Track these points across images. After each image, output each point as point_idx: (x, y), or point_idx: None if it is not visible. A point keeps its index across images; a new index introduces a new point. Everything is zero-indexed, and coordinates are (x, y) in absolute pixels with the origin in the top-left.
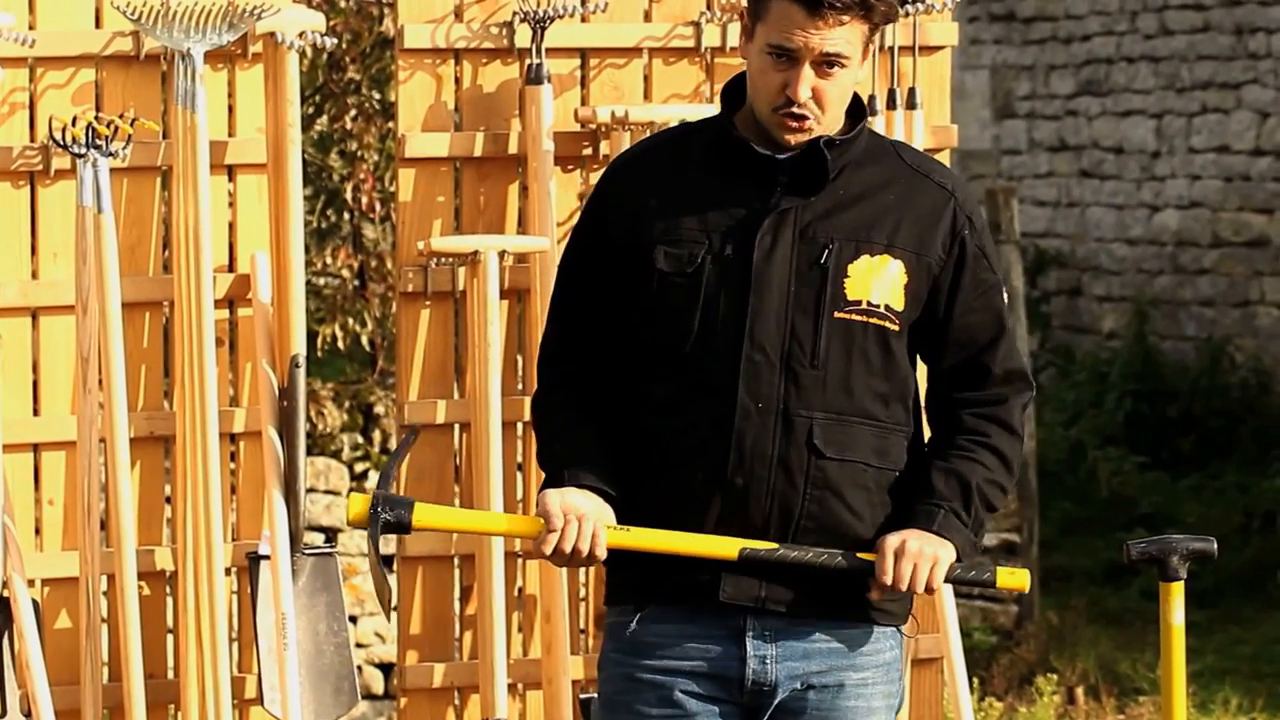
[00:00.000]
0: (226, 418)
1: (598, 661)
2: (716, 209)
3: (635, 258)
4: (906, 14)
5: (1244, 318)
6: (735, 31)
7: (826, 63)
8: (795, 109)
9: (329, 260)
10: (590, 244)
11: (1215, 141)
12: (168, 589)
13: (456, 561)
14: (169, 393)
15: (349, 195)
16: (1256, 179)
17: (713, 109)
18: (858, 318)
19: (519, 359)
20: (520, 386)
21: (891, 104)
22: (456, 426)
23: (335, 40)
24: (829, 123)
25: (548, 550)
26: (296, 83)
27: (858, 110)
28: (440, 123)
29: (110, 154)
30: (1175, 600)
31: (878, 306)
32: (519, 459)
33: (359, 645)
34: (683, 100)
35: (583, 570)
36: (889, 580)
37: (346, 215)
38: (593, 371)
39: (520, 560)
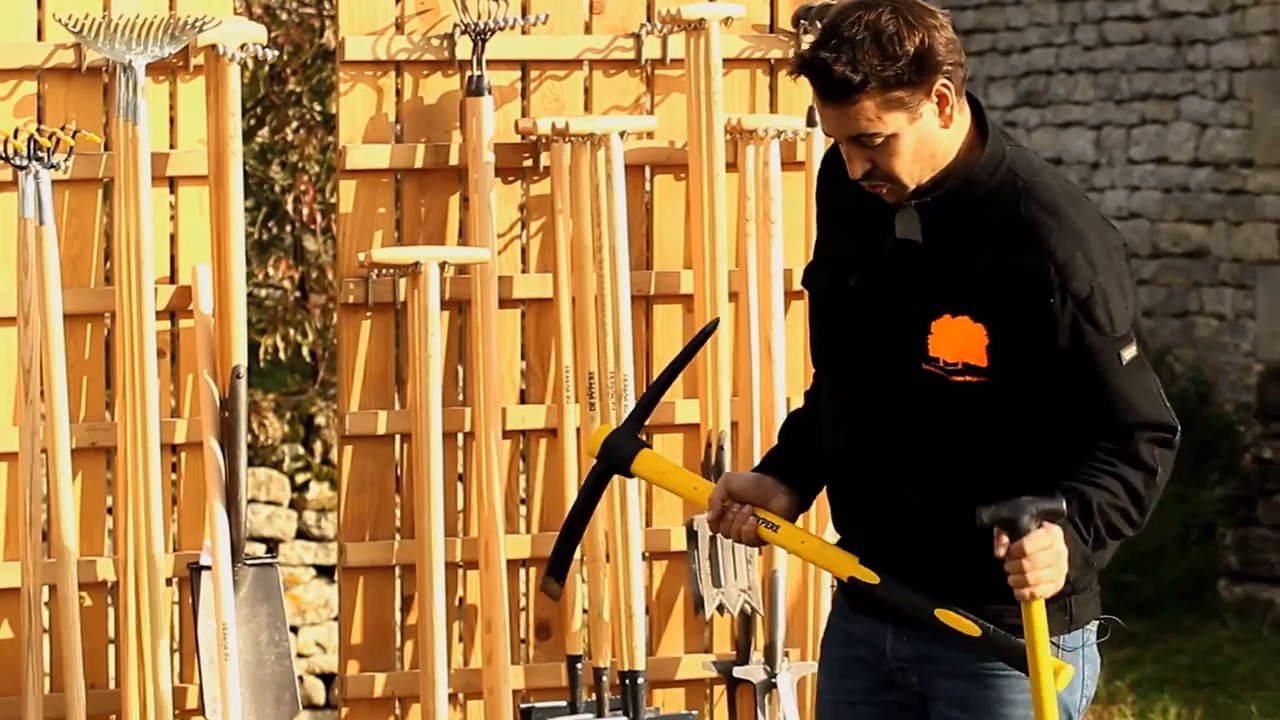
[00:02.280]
0: (168, 429)
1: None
2: (852, 237)
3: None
4: None
5: (1183, 328)
6: (676, 43)
7: (862, 140)
8: (865, 185)
9: (270, 271)
10: (817, 231)
11: (1154, 153)
12: (109, 599)
13: (398, 571)
14: (110, 404)
15: (290, 207)
16: (1195, 190)
17: (651, 121)
18: (938, 372)
19: (459, 370)
20: (461, 397)
21: None
22: (397, 437)
23: (276, 52)
24: (923, 174)
25: (709, 528)
26: (238, 95)
27: (981, 122)
28: (381, 134)
29: (52, 166)
30: None
31: (955, 365)
32: (460, 469)
33: (300, 655)
34: (623, 112)
35: (522, 581)
36: (1005, 554)
37: (288, 227)
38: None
39: (461, 570)
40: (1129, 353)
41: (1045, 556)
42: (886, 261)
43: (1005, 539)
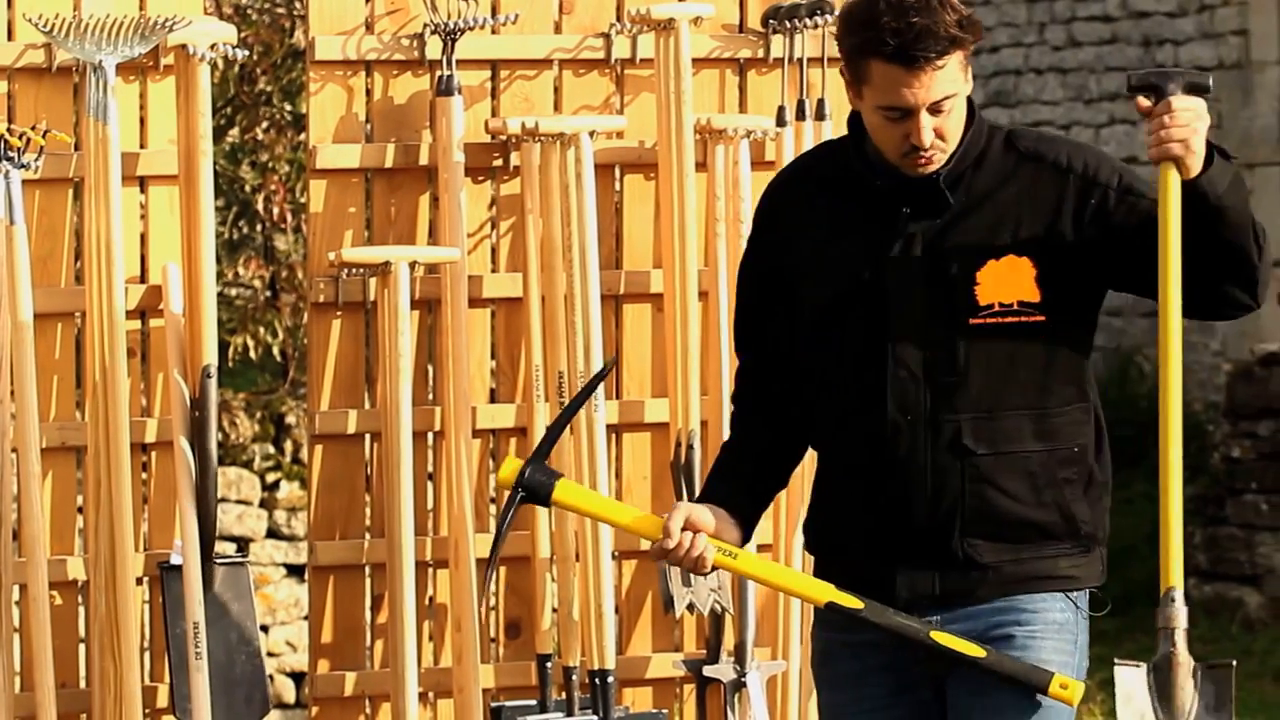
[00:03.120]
0: (138, 428)
1: (811, 634)
2: (851, 234)
3: (787, 287)
4: (815, 25)
5: (1152, 328)
6: (645, 43)
7: (940, 105)
8: (922, 153)
9: (241, 271)
10: (753, 265)
11: (1123, 153)
12: (80, 599)
13: (368, 570)
14: (80, 403)
15: (260, 206)
16: None
17: (621, 121)
18: (993, 320)
19: (429, 369)
20: (430, 396)
21: (801, 115)
22: (367, 436)
23: (247, 52)
24: (953, 143)
25: (656, 559)
26: (208, 95)
27: (968, 114)
28: (351, 134)
29: (22, 165)
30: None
31: (1011, 305)
32: (429, 468)
33: (270, 654)
34: (593, 111)
35: (492, 579)
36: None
37: (258, 226)
38: (772, 394)
39: (431, 569)
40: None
41: (1186, 115)
42: (909, 237)
43: (1148, 101)
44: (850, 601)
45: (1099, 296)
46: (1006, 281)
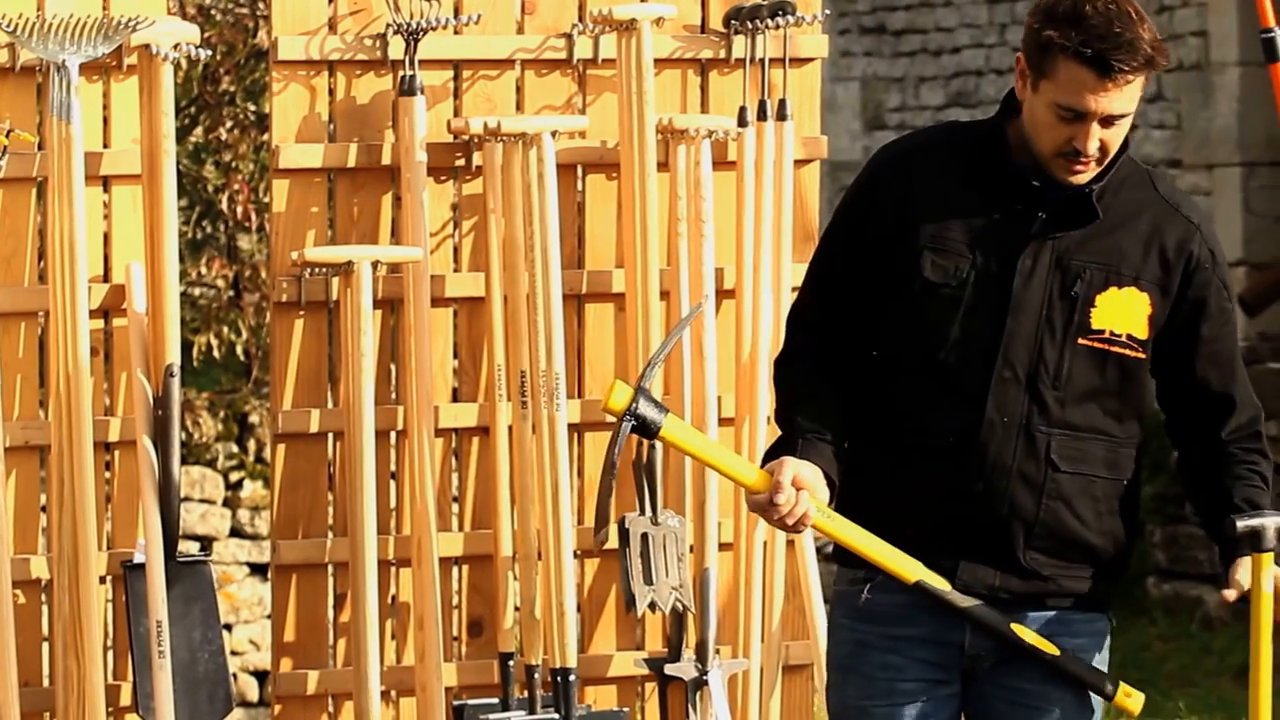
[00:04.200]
0: (101, 427)
1: (828, 627)
2: (983, 225)
3: (899, 258)
4: (777, 26)
5: None
6: (607, 43)
7: (1114, 118)
8: (1081, 158)
9: (204, 270)
10: (854, 229)
11: None
12: (43, 597)
13: (330, 569)
14: (44, 402)
15: (224, 206)
16: None
17: (583, 121)
18: (1100, 345)
19: (392, 368)
20: (393, 395)
21: (762, 115)
22: (330, 435)
23: (210, 52)
24: (1109, 159)
25: (759, 509)
26: (171, 94)
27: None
28: (314, 134)
29: None
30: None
31: (1120, 336)
32: (392, 467)
33: (233, 653)
34: (555, 111)
35: (455, 578)
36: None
37: (221, 226)
38: (837, 350)
39: (393, 568)
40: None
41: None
42: (1041, 244)
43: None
44: (939, 582)
45: (1162, 355)
46: (1123, 312)
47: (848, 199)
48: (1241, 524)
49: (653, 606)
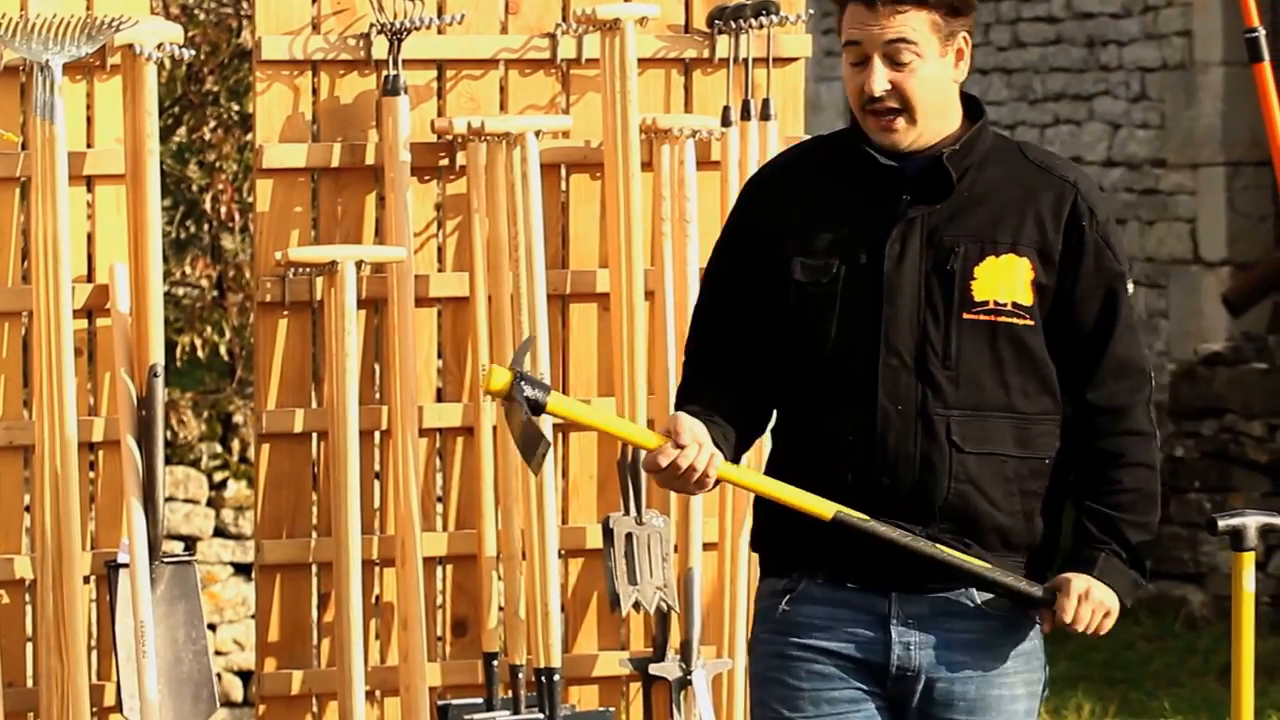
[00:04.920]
0: (85, 427)
1: (748, 643)
2: (849, 220)
3: (774, 270)
4: (761, 25)
5: None
6: (591, 43)
7: (894, 54)
8: (877, 106)
9: (188, 270)
10: (731, 256)
11: (1068, 153)
12: (27, 597)
13: (315, 569)
14: (28, 402)
15: (208, 206)
16: (1109, 190)
17: (567, 121)
18: (986, 318)
19: (376, 368)
20: (377, 395)
21: (746, 115)
22: (314, 435)
23: (193, 52)
24: (929, 123)
25: (664, 462)
26: (155, 94)
27: (976, 112)
28: (298, 134)
29: None
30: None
31: (1005, 305)
32: (376, 467)
33: (218, 653)
34: (539, 111)
35: (439, 578)
36: (1068, 619)
37: (205, 225)
38: (731, 376)
39: (377, 568)
40: (1130, 288)
41: (1096, 593)
42: (907, 225)
43: (1065, 620)
44: (857, 515)
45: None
46: (1004, 279)
47: (722, 232)
48: (1223, 524)
49: (637, 606)
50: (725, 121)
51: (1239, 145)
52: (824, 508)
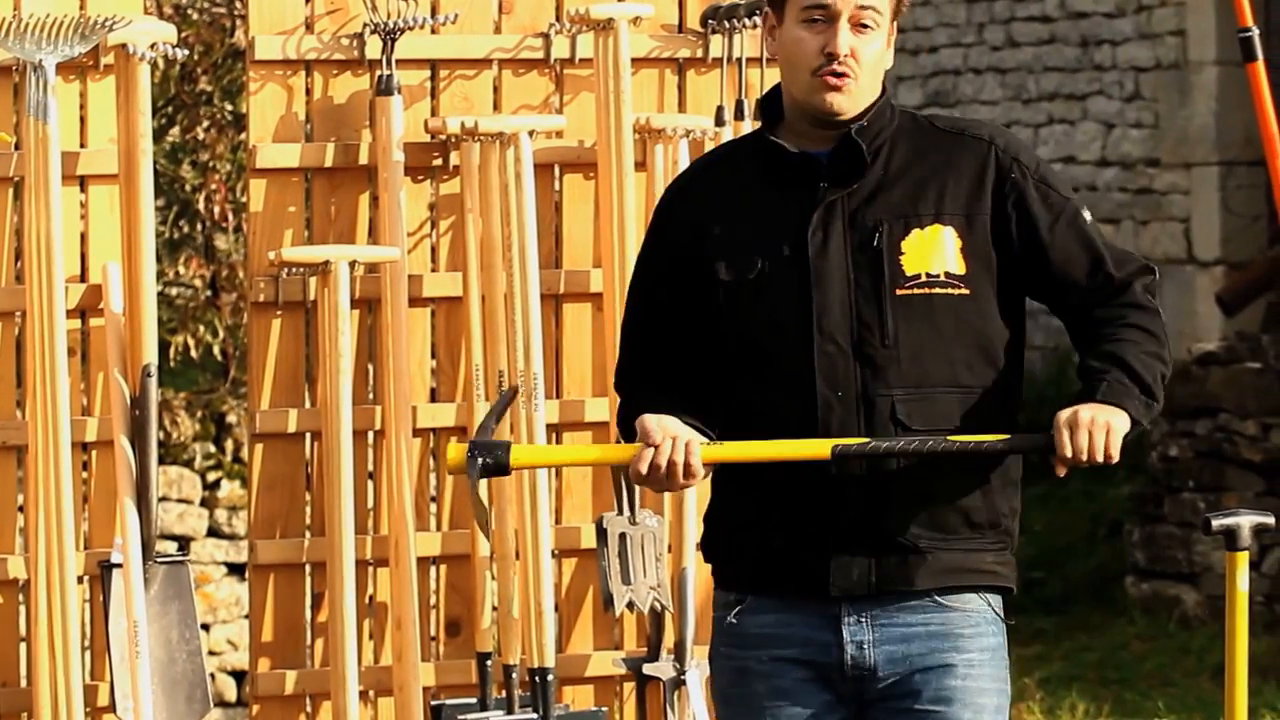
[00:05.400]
0: (79, 427)
1: (709, 656)
2: (768, 214)
3: (699, 274)
4: (754, 25)
5: None
6: (585, 43)
7: (860, 19)
8: (836, 66)
9: (181, 270)
10: (653, 269)
11: (1061, 152)
12: (20, 597)
13: (308, 569)
14: (21, 402)
15: (201, 205)
16: (1103, 189)
17: (560, 120)
18: (919, 291)
19: (369, 368)
20: (371, 395)
21: (739, 114)
22: (308, 435)
23: (187, 52)
24: (862, 92)
25: (644, 467)
26: (148, 94)
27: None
28: (291, 134)
29: None
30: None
31: (937, 276)
32: (369, 467)
33: (211, 653)
34: (532, 111)
35: (433, 578)
36: (1069, 453)
37: (198, 225)
38: (673, 384)
39: (371, 568)
40: (1087, 212)
41: (1084, 415)
42: (827, 210)
43: (1066, 454)
44: (855, 441)
45: (1017, 282)
46: (931, 251)
47: (642, 249)
48: (1217, 523)
49: (630, 606)
50: (719, 121)
51: (1233, 145)
52: (820, 449)
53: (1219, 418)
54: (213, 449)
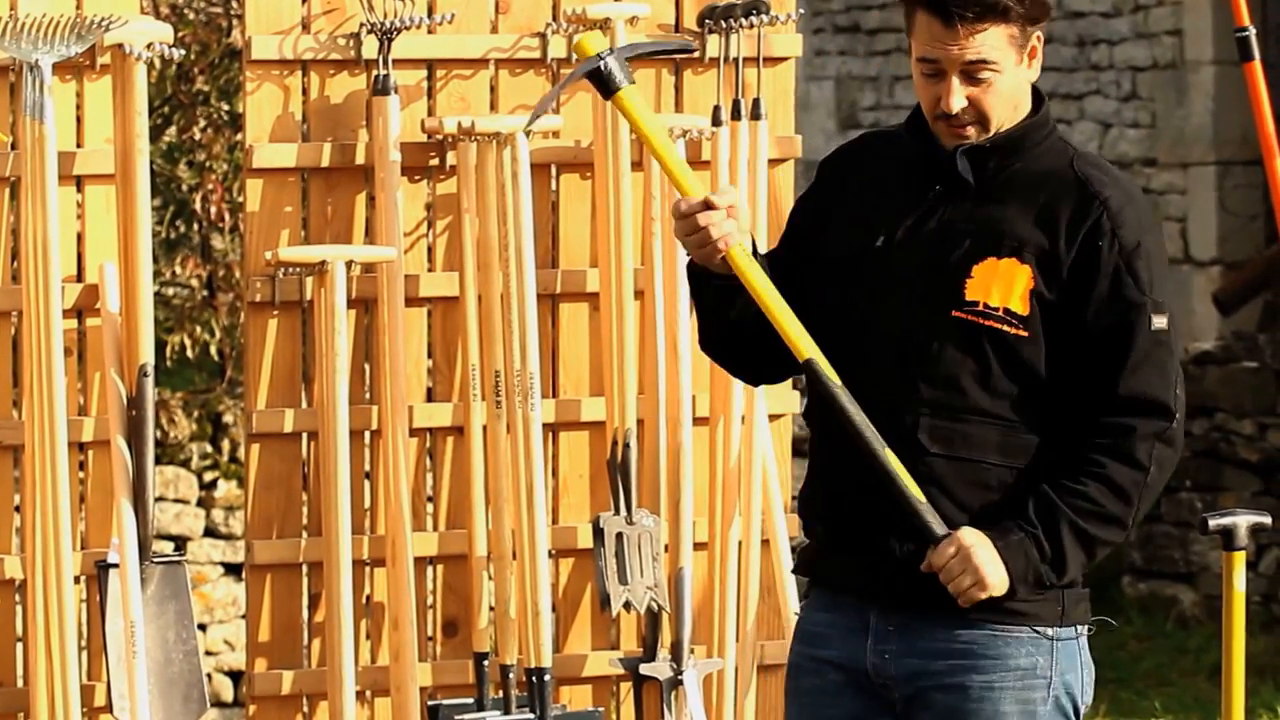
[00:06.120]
0: (75, 427)
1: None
2: (883, 202)
3: (815, 243)
4: (751, 25)
5: None
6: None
7: (973, 71)
8: (951, 120)
9: (178, 270)
10: (796, 218)
11: None
12: (17, 598)
13: (305, 569)
14: (18, 402)
15: (198, 205)
16: None
17: (557, 120)
18: (972, 319)
19: (366, 368)
20: (367, 395)
21: (736, 115)
22: (305, 435)
23: (183, 52)
24: (995, 123)
25: (685, 209)
26: (144, 94)
27: (1037, 103)
28: (288, 133)
29: None
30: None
31: (995, 310)
32: (366, 467)
33: (208, 653)
34: (529, 111)
35: (429, 578)
36: (937, 567)
37: (195, 225)
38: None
39: (368, 568)
40: (1160, 321)
41: (976, 555)
42: (927, 213)
43: (933, 564)
44: (830, 374)
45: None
46: (999, 284)
47: (803, 194)
48: (1214, 523)
49: (628, 606)
50: (715, 121)
51: (1229, 144)
52: (803, 346)
53: (1215, 417)
54: (209, 449)
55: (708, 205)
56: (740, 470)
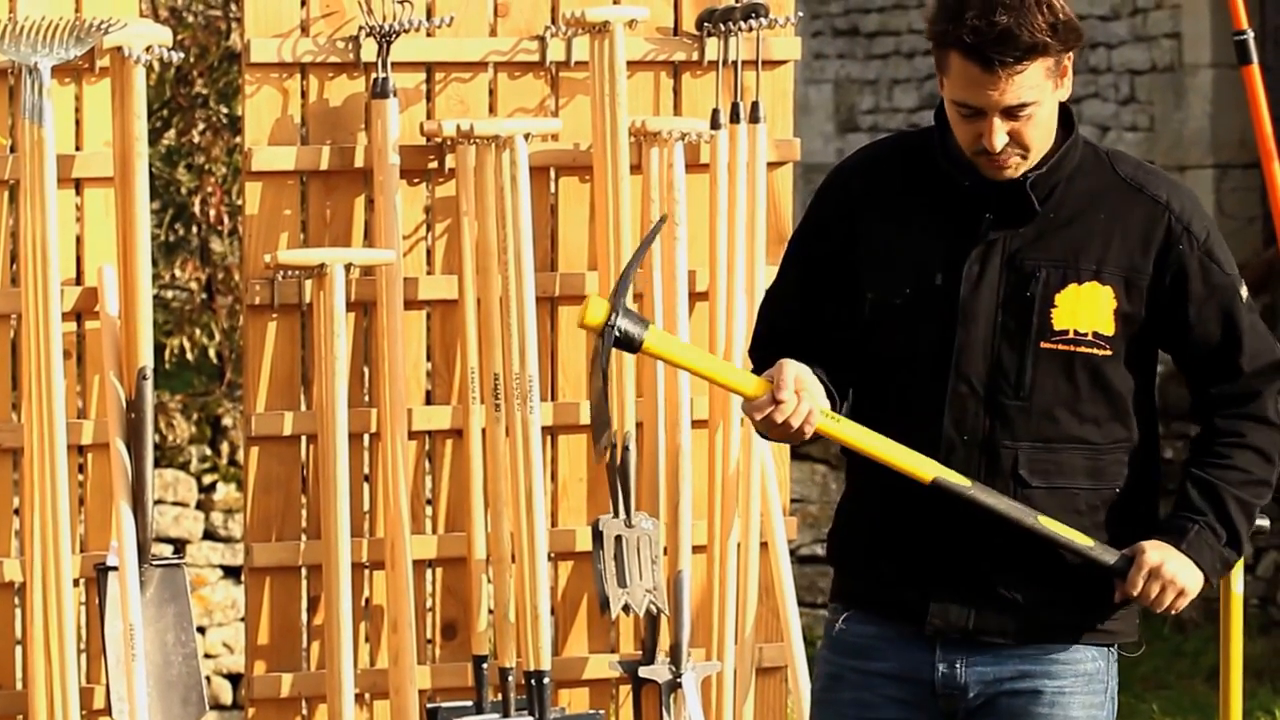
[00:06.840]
0: (74, 430)
1: (815, 659)
2: (926, 238)
3: (848, 277)
4: (750, 28)
5: None
6: (580, 46)
7: (1015, 111)
8: (995, 156)
9: (177, 273)
10: (808, 246)
11: None
12: (16, 600)
13: (304, 572)
14: (17, 405)
15: (197, 208)
16: None
17: (556, 123)
18: (1064, 347)
19: (365, 371)
20: (366, 398)
21: (735, 118)
22: (304, 438)
23: (182, 54)
24: (1034, 154)
25: (759, 416)
26: (143, 97)
27: (1067, 122)
28: (287, 136)
29: None
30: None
31: (1085, 335)
32: (365, 470)
33: (207, 656)
34: (528, 114)
35: (428, 581)
36: (1136, 593)
37: (194, 228)
38: (809, 349)
39: (367, 571)
40: (1244, 290)
41: (1169, 569)
42: (988, 247)
43: (1132, 594)
44: (957, 479)
45: (1154, 339)
46: (1086, 309)
47: (802, 221)
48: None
49: (626, 609)
50: (714, 124)
51: (1227, 147)
52: (925, 469)
53: None
54: (208, 452)
55: (775, 400)
56: (739, 473)
